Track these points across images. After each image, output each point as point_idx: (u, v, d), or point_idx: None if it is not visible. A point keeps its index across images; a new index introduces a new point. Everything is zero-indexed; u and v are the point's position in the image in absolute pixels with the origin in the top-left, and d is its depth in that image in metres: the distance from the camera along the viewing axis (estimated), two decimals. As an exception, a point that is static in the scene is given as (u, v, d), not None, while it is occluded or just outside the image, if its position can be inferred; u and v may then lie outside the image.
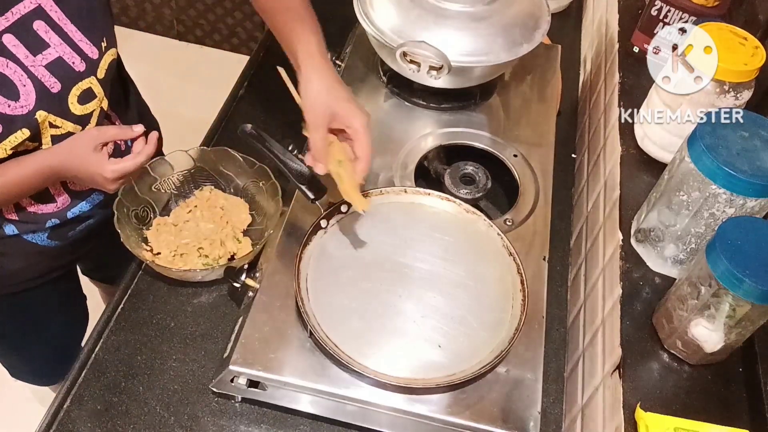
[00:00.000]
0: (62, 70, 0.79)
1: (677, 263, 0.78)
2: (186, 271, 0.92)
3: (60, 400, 0.84)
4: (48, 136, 0.81)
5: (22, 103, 0.76)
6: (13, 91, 0.75)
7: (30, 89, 0.76)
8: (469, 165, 1.02)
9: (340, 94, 0.80)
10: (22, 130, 0.77)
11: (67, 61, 0.80)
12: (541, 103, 1.15)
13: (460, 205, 0.94)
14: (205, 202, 1.02)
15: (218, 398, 0.85)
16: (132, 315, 0.93)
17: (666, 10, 0.99)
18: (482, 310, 0.84)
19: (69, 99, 0.81)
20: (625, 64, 1.04)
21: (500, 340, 0.81)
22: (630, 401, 0.68)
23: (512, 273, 0.88)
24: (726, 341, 0.68)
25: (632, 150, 0.92)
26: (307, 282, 0.83)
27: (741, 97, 0.79)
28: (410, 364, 0.78)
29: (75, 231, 0.96)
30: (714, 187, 0.68)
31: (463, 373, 0.77)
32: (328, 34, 0.87)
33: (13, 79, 0.75)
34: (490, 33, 1.02)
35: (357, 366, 0.76)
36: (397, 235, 0.90)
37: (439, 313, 0.83)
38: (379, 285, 0.85)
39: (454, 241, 0.90)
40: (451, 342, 0.81)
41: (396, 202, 0.94)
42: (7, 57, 0.75)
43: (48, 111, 0.79)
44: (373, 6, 1.06)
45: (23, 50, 0.76)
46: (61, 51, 0.79)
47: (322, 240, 0.88)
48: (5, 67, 0.75)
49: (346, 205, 0.90)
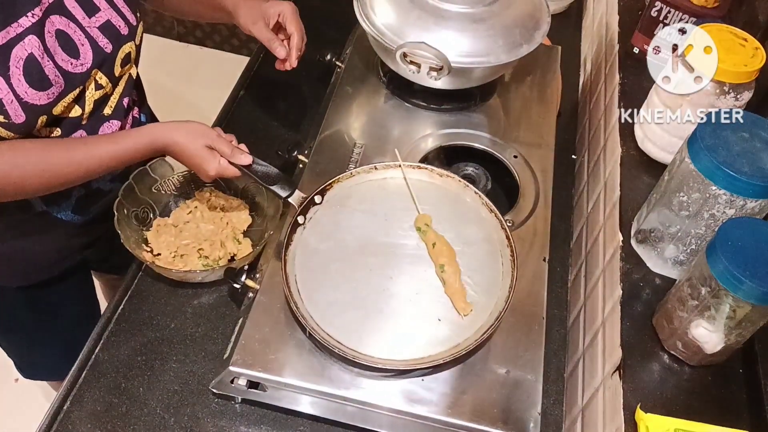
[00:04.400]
0: (112, 32, 0.86)
1: (677, 264, 0.78)
2: (186, 272, 0.92)
3: (60, 401, 0.84)
4: (92, 97, 0.86)
5: (81, 61, 0.81)
6: (74, 49, 0.80)
7: (87, 48, 0.82)
8: (469, 166, 1.02)
9: (263, 2, 0.99)
10: (78, 88, 0.82)
11: (114, 24, 0.86)
12: (541, 104, 1.15)
13: (432, 171, 0.94)
14: (205, 203, 1.02)
15: (218, 399, 0.85)
16: (132, 316, 0.93)
17: (666, 11, 0.99)
18: (474, 273, 0.85)
19: (116, 61, 0.87)
20: (626, 65, 1.04)
21: (496, 301, 0.82)
22: (630, 402, 0.68)
23: (497, 230, 0.88)
24: (726, 342, 0.68)
25: (632, 151, 0.92)
26: (297, 283, 0.83)
27: (741, 98, 0.79)
28: (414, 343, 0.79)
29: (96, 205, 0.99)
30: (714, 188, 0.68)
31: (468, 342, 0.78)
32: (328, 35, 0.87)
33: (74, 39, 0.81)
34: (490, 34, 1.02)
35: (362, 359, 0.76)
36: (376, 214, 0.90)
37: (433, 287, 0.84)
38: (369, 271, 0.85)
39: (434, 209, 0.90)
40: (449, 312, 0.81)
41: (369, 181, 0.94)
42: (68, 17, 0.80)
43: (101, 70, 0.85)
44: (373, 7, 1.06)
45: (81, 12, 0.81)
46: (110, 14, 0.85)
47: (303, 236, 0.88)
48: (67, 26, 0.80)
49: (319, 195, 0.91)
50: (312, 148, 1.03)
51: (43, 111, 0.78)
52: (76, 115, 0.84)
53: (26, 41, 0.74)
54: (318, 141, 1.04)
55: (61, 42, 0.79)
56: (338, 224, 0.89)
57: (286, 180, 0.89)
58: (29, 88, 0.75)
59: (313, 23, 0.95)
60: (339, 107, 1.10)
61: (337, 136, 1.06)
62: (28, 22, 0.74)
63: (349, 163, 1.01)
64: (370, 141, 1.05)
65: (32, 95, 0.75)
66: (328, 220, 0.90)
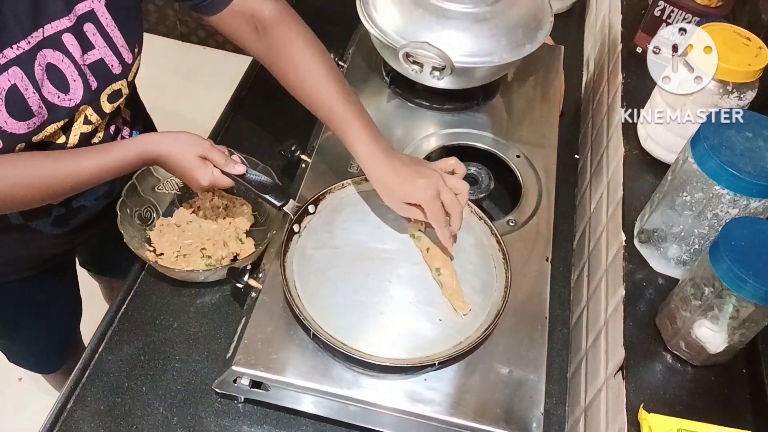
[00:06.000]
0: (102, 70, 0.84)
1: (680, 264, 0.78)
2: (189, 272, 0.92)
3: (63, 401, 0.84)
4: (78, 129, 0.85)
5: (70, 96, 0.81)
6: (64, 84, 0.80)
7: (78, 85, 0.81)
8: (472, 166, 1.02)
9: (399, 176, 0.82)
10: (64, 120, 0.81)
11: (107, 63, 0.84)
12: (544, 103, 1.15)
13: None
14: (208, 203, 1.02)
15: (221, 399, 0.85)
16: (135, 315, 0.93)
17: (669, 11, 0.98)
18: (468, 276, 0.86)
19: (101, 98, 0.86)
20: (628, 65, 1.03)
21: (494, 300, 0.84)
22: (633, 402, 0.68)
23: (486, 236, 0.90)
24: (729, 342, 0.68)
25: (635, 150, 0.92)
26: (297, 289, 0.83)
27: (745, 98, 0.79)
28: (418, 343, 0.79)
29: (76, 219, 0.98)
30: (717, 187, 0.68)
31: (470, 340, 0.79)
32: (330, 35, 0.87)
33: (66, 74, 0.80)
34: (492, 34, 1.02)
35: (371, 358, 0.76)
36: (369, 222, 0.91)
37: (431, 288, 0.85)
38: (367, 275, 0.85)
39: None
40: (449, 313, 0.83)
41: (360, 191, 0.94)
42: (63, 53, 0.79)
43: (90, 106, 0.84)
44: (376, 7, 1.06)
45: (78, 50, 0.80)
46: (104, 53, 0.83)
47: (299, 244, 0.88)
48: (60, 61, 0.79)
49: (313, 205, 0.91)
50: (314, 148, 1.03)
51: (21, 139, 0.77)
52: (60, 142, 0.84)
53: (10, 72, 0.73)
54: (320, 141, 1.04)
55: (51, 76, 0.78)
56: (333, 232, 0.90)
57: (280, 189, 0.89)
58: (9, 117, 0.74)
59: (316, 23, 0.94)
60: (342, 107, 1.10)
61: (339, 136, 1.06)
62: (13, 53, 0.73)
63: (352, 163, 1.01)
64: (372, 141, 1.05)
65: (12, 124, 0.75)
66: (323, 229, 0.90)
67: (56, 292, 1.16)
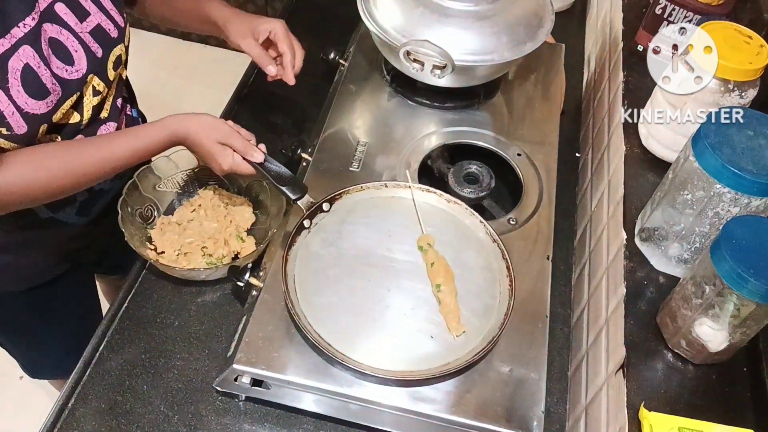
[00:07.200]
0: (102, 36, 0.85)
1: (681, 262, 0.78)
2: (190, 270, 0.92)
3: (64, 399, 0.84)
4: (90, 103, 0.86)
5: (76, 67, 0.81)
6: (68, 56, 0.80)
7: (81, 55, 0.82)
8: (472, 164, 1.02)
9: (254, 18, 1.00)
10: (76, 94, 0.82)
11: (105, 28, 0.86)
12: (544, 102, 1.15)
13: (441, 196, 0.94)
14: (209, 202, 1.02)
15: (222, 397, 0.85)
16: (136, 314, 0.93)
17: (670, 9, 0.98)
18: (470, 297, 0.85)
19: (108, 64, 0.87)
20: (629, 63, 1.03)
21: (491, 326, 0.82)
22: (634, 401, 0.68)
23: (497, 260, 0.88)
24: (730, 341, 0.68)
25: (636, 149, 0.92)
26: (295, 283, 0.83)
27: (746, 96, 0.79)
28: (405, 356, 0.79)
29: (97, 205, 0.99)
30: (718, 186, 0.67)
31: (458, 362, 0.78)
32: (331, 33, 0.87)
33: (67, 45, 0.80)
34: (494, 32, 1.02)
35: (352, 363, 0.76)
36: (379, 229, 0.91)
37: (429, 304, 0.84)
38: (367, 281, 0.85)
39: (437, 232, 0.90)
40: (442, 332, 0.81)
41: (377, 197, 0.94)
42: (60, 24, 0.80)
43: (96, 75, 0.85)
44: (377, 5, 1.06)
45: (73, 18, 0.81)
46: (99, 18, 0.85)
47: (307, 239, 0.89)
48: (59, 33, 0.79)
49: (328, 203, 0.91)
50: (315, 146, 1.03)
51: (43, 119, 0.78)
52: (75, 121, 0.85)
53: (20, 52, 0.74)
54: (321, 139, 1.04)
55: (54, 49, 0.79)
56: (342, 233, 0.90)
57: (298, 182, 0.90)
58: (29, 98, 0.75)
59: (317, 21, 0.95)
60: (342, 105, 1.10)
61: (340, 135, 1.06)
62: (21, 32, 0.74)
63: (353, 161, 1.01)
64: (373, 139, 1.05)
65: (32, 105, 0.76)
66: (333, 228, 0.90)
67: (73, 299, 1.16)
